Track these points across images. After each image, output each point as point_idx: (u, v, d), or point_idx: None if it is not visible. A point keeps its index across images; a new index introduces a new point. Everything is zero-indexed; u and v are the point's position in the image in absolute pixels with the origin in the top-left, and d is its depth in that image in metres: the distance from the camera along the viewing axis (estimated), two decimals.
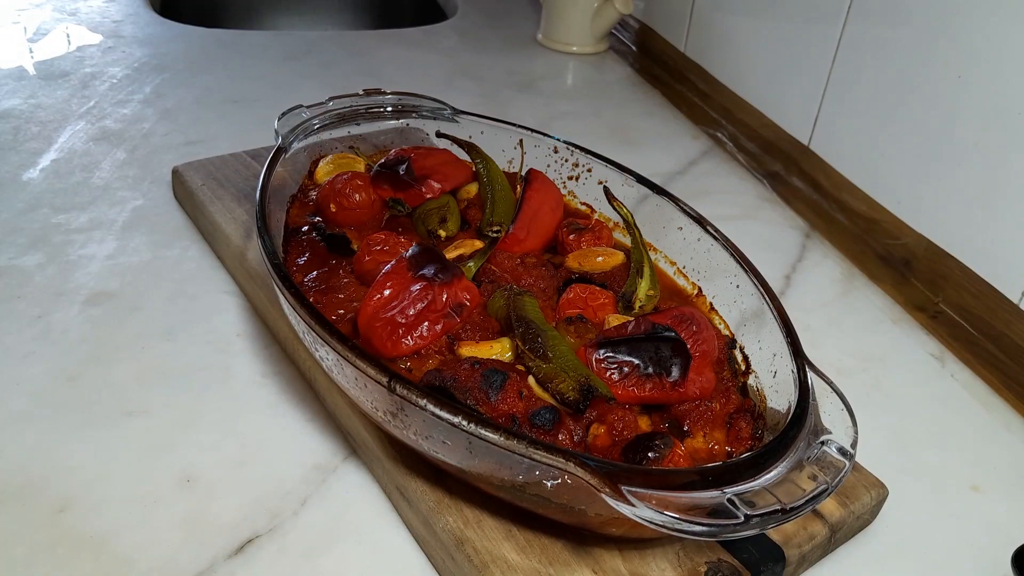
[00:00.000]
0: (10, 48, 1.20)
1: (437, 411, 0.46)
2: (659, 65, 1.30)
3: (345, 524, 0.58)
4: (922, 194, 0.83)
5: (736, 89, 1.12)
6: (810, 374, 0.54)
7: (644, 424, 0.55)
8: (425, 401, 0.47)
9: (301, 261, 0.66)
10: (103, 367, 0.68)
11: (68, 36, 1.26)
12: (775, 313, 0.59)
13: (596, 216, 0.78)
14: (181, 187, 0.87)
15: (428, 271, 0.58)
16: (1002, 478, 0.67)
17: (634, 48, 1.39)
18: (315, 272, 0.65)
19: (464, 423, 0.46)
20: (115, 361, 0.69)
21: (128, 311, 0.74)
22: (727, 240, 0.67)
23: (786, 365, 0.56)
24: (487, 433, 0.45)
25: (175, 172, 0.88)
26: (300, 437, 0.64)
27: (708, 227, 0.68)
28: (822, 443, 0.49)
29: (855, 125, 0.92)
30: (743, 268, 0.64)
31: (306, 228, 0.69)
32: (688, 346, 0.55)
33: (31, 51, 1.19)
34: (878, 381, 0.76)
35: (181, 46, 1.27)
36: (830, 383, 0.53)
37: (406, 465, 0.57)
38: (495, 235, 0.68)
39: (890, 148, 0.87)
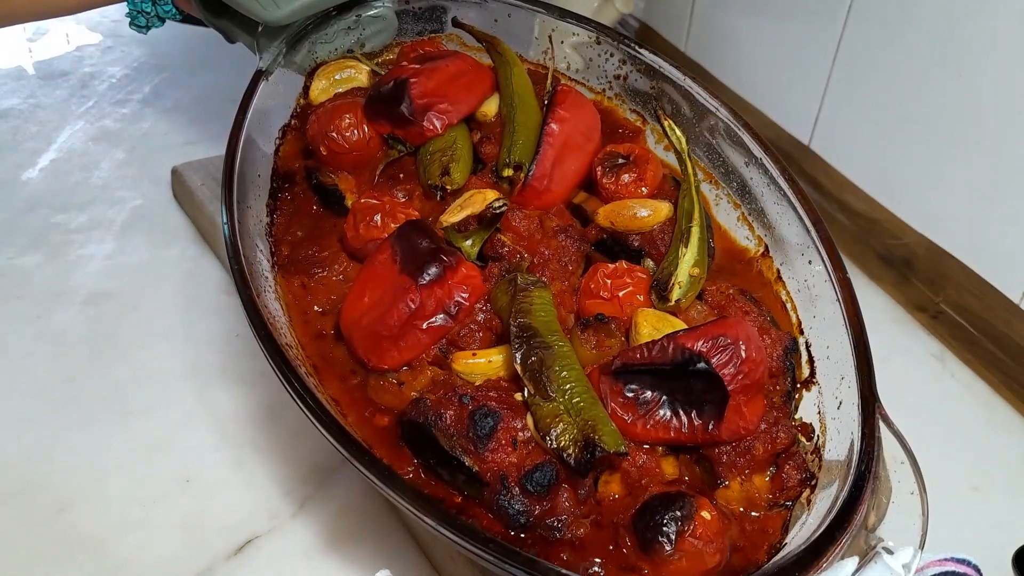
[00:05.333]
0: (9, 48, 1.20)
1: (428, 520, 0.42)
2: None
3: (345, 525, 0.58)
4: (923, 194, 0.83)
5: (736, 89, 1.12)
6: (882, 429, 0.43)
7: (669, 467, 0.48)
8: (421, 513, 0.42)
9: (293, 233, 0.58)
10: (103, 367, 0.68)
11: (67, 35, 1.25)
12: (850, 332, 0.49)
13: (647, 130, 0.62)
14: (180, 187, 0.87)
15: (415, 268, 0.48)
16: (1002, 478, 0.67)
17: None
18: (304, 244, 0.56)
19: (454, 535, 0.41)
20: (115, 361, 0.69)
21: (128, 311, 0.74)
22: (805, 199, 0.51)
23: (852, 401, 0.47)
24: (479, 551, 0.40)
25: (174, 172, 0.88)
26: (300, 437, 0.64)
27: (778, 170, 0.53)
28: (873, 545, 0.40)
29: (856, 125, 0.92)
30: (814, 241, 0.50)
31: (297, 174, 0.60)
32: (727, 379, 0.45)
33: (30, 50, 1.19)
34: (878, 381, 0.75)
35: (180, 45, 1.26)
36: (907, 448, 0.44)
37: None
38: (500, 209, 0.51)
39: (891, 148, 0.87)
